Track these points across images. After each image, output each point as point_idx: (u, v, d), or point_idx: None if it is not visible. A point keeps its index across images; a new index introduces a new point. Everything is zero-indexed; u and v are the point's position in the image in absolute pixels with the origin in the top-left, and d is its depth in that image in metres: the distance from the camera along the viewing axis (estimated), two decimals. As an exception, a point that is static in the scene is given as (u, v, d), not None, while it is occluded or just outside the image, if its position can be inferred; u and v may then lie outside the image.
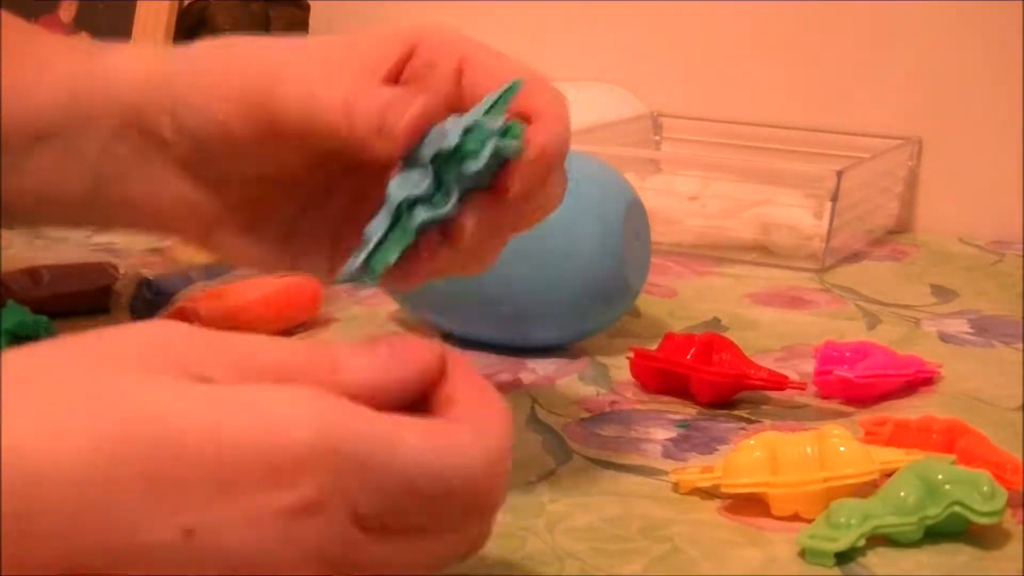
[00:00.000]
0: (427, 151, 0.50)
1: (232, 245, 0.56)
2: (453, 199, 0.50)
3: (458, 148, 0.49)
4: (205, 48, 0.54)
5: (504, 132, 0.50)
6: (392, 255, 0.50)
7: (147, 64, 0.55)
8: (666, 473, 0.57)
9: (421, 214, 0.50)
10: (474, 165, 0.49)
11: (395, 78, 0.52)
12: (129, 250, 0.86)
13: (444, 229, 0.50)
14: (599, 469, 0.58)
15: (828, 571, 0.48)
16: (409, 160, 0.50)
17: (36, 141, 0.55)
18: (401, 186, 0.50)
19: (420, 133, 0.50)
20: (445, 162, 0.49)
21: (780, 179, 0.99)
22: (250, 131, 0.51)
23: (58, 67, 0.56)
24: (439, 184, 0.50)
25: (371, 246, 0.50)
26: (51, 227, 0.60)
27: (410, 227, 0.50)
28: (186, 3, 1.22)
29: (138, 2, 1.31)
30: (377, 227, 0.50)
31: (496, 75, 0.51)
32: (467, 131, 0.49)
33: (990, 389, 0.68)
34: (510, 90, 0.51)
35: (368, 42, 0.52)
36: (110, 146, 0.54)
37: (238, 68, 0.52)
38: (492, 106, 0.50)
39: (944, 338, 0.78)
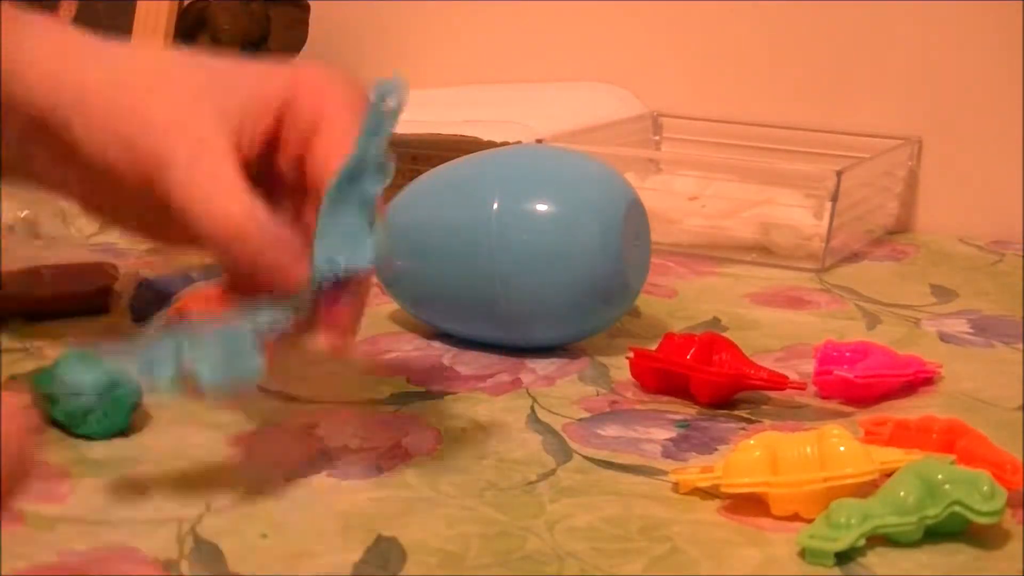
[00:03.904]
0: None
1: (138, 235, 0.59)
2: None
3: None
4: (98, 81, 0.54)
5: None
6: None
7: (54, 71, 0.55)
8: (666, 473, 0.57)
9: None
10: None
11: (266, 146, 0.54)
12: (129, 250, 0.86)
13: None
14: (599, 469, 0.58)
15: (828, 571, 0.48)
16: None
17: None
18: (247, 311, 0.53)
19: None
20: None
21: (780, 179, 0.99)
22: (137, 186, 0.53)
23: None
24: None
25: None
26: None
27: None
28: (186, 3, 1.22)
29: (138, 2, 1.31)
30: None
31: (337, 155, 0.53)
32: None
33: (990, 389, 0.68)
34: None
35: (247, 98, 0.54)
36: (24, 137, 0.55)
37: (123, 130, 0.53)
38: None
39: (944, 338, 0.78)
